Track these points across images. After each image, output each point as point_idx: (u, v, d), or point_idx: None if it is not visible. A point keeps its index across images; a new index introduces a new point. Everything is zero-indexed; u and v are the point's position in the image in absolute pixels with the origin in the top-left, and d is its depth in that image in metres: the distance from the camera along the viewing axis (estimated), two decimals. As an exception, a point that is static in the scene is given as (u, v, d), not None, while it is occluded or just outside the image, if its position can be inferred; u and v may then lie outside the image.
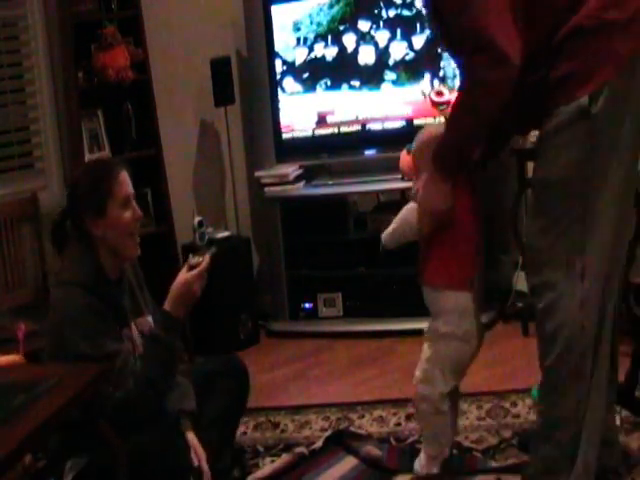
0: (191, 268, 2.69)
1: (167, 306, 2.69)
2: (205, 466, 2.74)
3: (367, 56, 4.45)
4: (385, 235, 2.65)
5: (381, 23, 4.38)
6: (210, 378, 3.00)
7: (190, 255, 2.73)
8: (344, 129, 4.56)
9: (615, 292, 2.39)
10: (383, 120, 4.48)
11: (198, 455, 2.74)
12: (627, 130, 2.26)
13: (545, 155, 2.33)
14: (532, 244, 2.39)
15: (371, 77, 4.47)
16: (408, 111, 4.41)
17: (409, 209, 2.60)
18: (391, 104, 4.45)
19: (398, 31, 4.35)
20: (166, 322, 2.68)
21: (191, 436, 2.77)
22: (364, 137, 4.55)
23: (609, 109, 2.22)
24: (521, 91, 2.25)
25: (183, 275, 2.69)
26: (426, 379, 2.58)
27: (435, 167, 2.47)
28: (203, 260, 2.69)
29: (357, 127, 4.55)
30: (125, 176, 2.76)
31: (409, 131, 4.37)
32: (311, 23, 4.51)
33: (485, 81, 2.24)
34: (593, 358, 2.34)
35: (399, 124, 4.47)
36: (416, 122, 4.38)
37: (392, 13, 4.35)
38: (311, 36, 4.52)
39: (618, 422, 2.96)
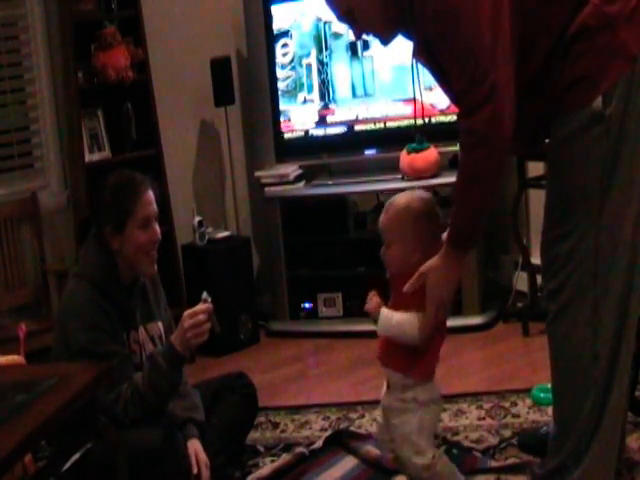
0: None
1: (174, 339, 2.72)
2: (205, 472, 2.75)
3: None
4: (383, 328, 2.47)
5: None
6: (217, 394, 3.03)
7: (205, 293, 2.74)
8: (344, 129, 4.56)
9: (638, 291, 2.31)
10: (383, 120, 4.48)
11: (199, 461, 2.75)
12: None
13: (559, 165, 2.27)
14: (550, 251, 2.34)
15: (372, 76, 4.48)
16: (408, 111, 4.40)
17: (409, 322, 2.41)
18: (391, 104, 4.45)
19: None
20: (169, 355, 2.70)
21: (196, 442, 2.79)
22: (364, 137, 4.55)
23: (624, 108, 2.17)
24: (526, 117, 2.21)
25: (183, 318, 2.70)
26: (418, 452, 2.48)
27: (456, 249, 2.32)
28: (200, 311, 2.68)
29: (357, 127, 4.55)
30: (149, 196, 2.79)
31: (409, 131, 4.38)
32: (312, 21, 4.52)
33: (482, 137, 2.15)
34: (611, 360, 2.29)
35: (399, 124, 4.47)
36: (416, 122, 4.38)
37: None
38: (312, 35, 4.52)
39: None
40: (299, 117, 4.60)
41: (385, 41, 2.37)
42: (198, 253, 4.49)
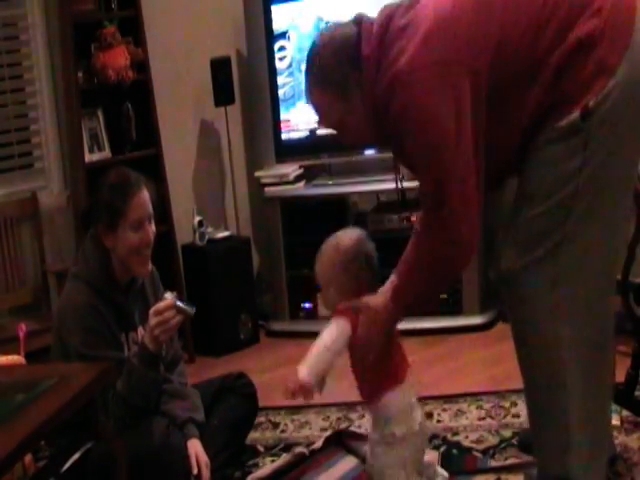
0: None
1: (145, 338, 2.72)
2: (206, 472, 2.75)
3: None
4: (306, 377, 2.36)
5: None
6: (217, 394, 3.03)
7: (170, 293, 2.75)
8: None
9: (610, 299, 2.34)
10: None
11: (200, 461, 2.75)
12: (628, 138, 2.21)
13: (532, 169, 2.25)
14: (504, 253, 2.34)
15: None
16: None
17: (329, 333, 2.40)
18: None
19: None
20: (142, 355, 2.71)
21: (196, 443, 2.79)
22: (364, 137, 4.54)
23: (607, 123, 2.15)
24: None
25: (150, 316, 2.71)
26: None
27: (396, 308, 2.38)
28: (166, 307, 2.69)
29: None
30: (142, 198, 2.77)
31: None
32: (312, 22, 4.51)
33: (449, 259, 2.26)
34: (583, 367, 2.27)
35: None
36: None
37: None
38: (312, 36, 4.52)
39: (618, 422, 2.97)
40: (299, 117, 4.60)
41: (370, 147, 2.47)
42: (198, 253, 4.49)
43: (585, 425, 2.30)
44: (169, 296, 2.71)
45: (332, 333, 2.38)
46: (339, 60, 2.27)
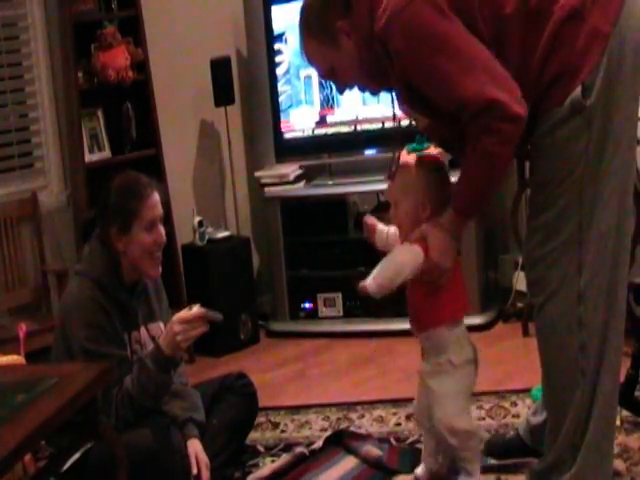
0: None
1: (162, 341, 2.73)
2: (205, 472, 2.75)
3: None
4: (372, 283, 2.40)
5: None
6: (217, 394, 3.03)
7: (197, 305, 2.75)
8: (344, 129, 4.56)
9: (624, 282, 2.35)
10: (383, 120, 4.48)
11: (199, 461, 2.75)
12: (626, 113, 2.24)
13: (541, 155, 2.30)
14: (530, 240, 2.38)
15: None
16: (408, 111, 4.39)
17: (404, 251, 2.40)
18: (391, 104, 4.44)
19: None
20: (157, 357, 2.71)
21: (196, 443, 2.79)
22: (364, 137, 4.55)
23: (604, 95, 2.19)
24: None
25: (172, 322, 2.71)
26: (460, 412, 2.49)
27: (461, 215, 2.35)
28: (192, 316, 2.71)
29: (357, 127, 4.54)
30: (155, 198, 2.79)
31: (409, 131, 4.38)
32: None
33: (500, 133, 2.17)
34: (599, 350, 2.31)
35: (399, 124, 4.46)
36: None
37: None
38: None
39: (618, 422, 2.97)
40: (299, 117, 4.60)
41: (373, 92, 2.55)
42: (198, 253, 4.49)
43: (597, 414, 2.33)
44: (196, 307, 2.73)
45: (404, 252, 2.39)
46: (326, 9, 2.32)
